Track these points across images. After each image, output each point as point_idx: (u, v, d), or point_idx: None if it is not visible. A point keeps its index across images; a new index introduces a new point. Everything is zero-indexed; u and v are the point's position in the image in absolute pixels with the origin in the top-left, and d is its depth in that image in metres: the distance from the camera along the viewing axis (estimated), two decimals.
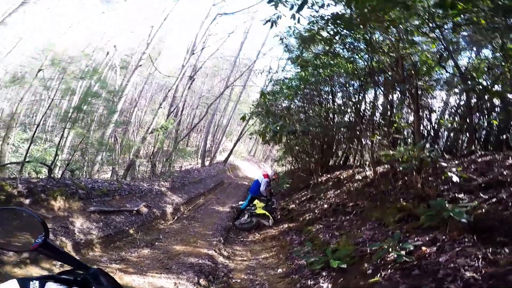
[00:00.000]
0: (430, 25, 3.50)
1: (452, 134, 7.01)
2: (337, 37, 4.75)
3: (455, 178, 3.16)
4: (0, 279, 2.82)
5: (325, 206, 6.18)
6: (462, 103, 6.69)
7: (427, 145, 4.45)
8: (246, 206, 7.11)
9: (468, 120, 5.67)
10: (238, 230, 6.68)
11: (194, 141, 27.08)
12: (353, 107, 7.58)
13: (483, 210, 2.71)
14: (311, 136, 8.55)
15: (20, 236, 0.85)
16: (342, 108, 8.46)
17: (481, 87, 4.27)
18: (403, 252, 2.58)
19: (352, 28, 4.05)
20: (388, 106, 6.54)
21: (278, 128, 5.46)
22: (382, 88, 6.36)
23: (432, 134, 6.81)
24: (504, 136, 5.39)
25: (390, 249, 2.70)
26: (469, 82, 4.54)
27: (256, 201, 7.07)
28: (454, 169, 3.28)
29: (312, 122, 6.37)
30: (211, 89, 25.58)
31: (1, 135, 10.87)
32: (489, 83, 5.03)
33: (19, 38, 9.77)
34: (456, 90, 6.72)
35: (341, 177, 7.44)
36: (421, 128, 5.97)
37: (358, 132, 7.73)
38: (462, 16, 3.14)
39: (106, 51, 15.08)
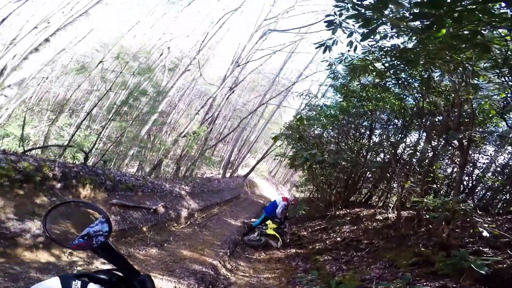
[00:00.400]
0: (503, 70, 3.14)
1: (489, 193, 6.46)
2: (391, 71, 4.40)
3: (486, 233, 2.98)
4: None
5: (338, 239, 6.01)
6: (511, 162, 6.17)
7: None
8: (258, 224, 7.12)
9: None
10: (246, 245, 6.65)
11: (220, 152, 27.59)
12: (390, 148, 7.23)
13: (505, 265, 2.60)
14: (338, 169, 8.30)
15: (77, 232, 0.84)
16: (378, 147, 8.06)
17: None
18: None
19: (415, 65, 3.71)
20: (429, 153, 6.10)
21: (309, 155, 5.33)
22: (426, 133, 5.92)
23: (468, 190, 6.30)
24: None
25: None
26: None
27: (269, 221, 7.06)
28: (486, 225, 3.12)
29: (343, 156, 6.16)
30: (246, 103, 25.89)
31: (51, 118, 11.93)
32: None
33: (90, 29, 10.45)
34: (510, 148, 6.15)
35: (361, 214, 7.21)
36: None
37: (388, 174, 7.37)
38: None
39: (161, 51, 15.78)
